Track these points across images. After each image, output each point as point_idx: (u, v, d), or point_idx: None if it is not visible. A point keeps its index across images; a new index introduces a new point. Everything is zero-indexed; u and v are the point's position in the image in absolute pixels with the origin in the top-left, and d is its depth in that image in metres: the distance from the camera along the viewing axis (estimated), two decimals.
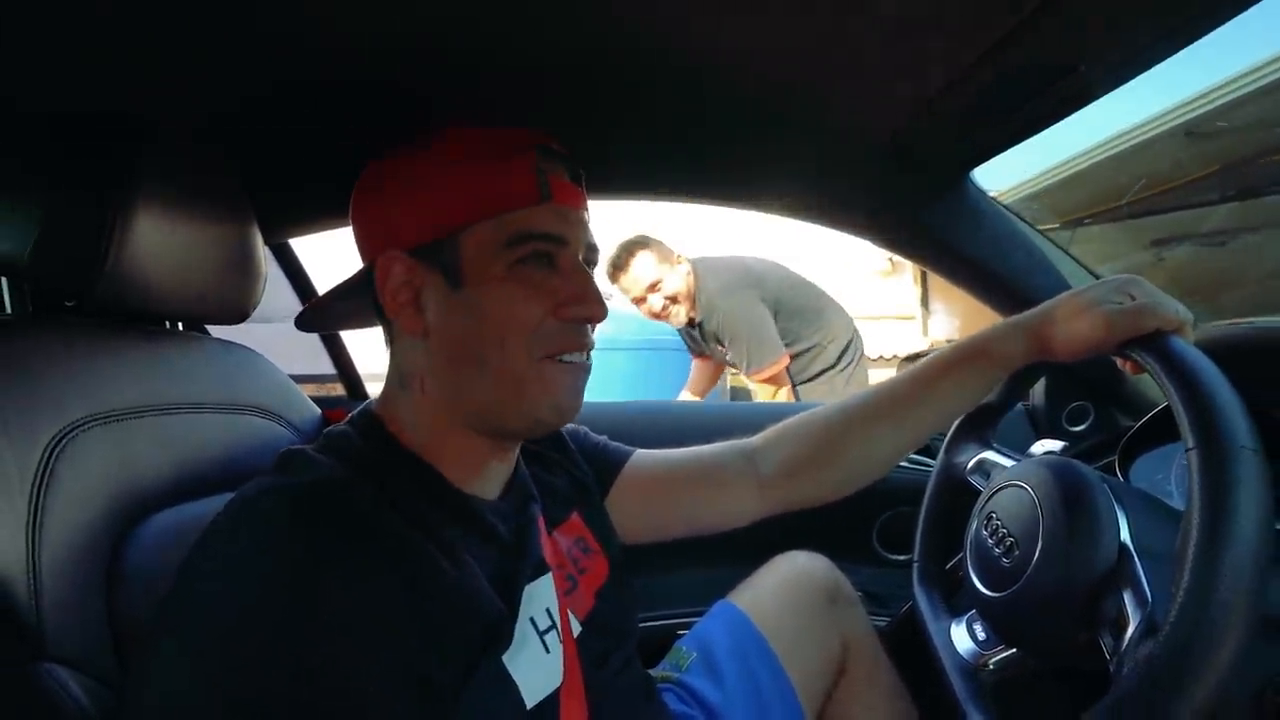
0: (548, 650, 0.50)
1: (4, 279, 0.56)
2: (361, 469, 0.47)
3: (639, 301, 1.91)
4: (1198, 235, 3.65)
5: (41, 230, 0.51)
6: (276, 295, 0.86)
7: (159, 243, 0.56)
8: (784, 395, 1.98)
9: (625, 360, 2.85)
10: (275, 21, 0.46)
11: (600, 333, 0.55)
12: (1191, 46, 0.53)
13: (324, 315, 0.61)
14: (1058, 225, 4.10)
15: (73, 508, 0.46)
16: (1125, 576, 0.46)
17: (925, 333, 5.28)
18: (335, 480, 0.45)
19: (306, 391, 0.79)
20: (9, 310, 0.56)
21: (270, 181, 0.76)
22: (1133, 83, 0.59)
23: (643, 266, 1.85)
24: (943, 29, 0.52)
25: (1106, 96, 0.60)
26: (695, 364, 2.25)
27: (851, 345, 2.00)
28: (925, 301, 5.28)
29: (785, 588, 0.80)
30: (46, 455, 0.46)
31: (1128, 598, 0.45)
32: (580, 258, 0.52)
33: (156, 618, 0.38)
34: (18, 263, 0.52)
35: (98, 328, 0.56)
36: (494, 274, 0.49)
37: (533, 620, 0.50)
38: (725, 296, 1.88)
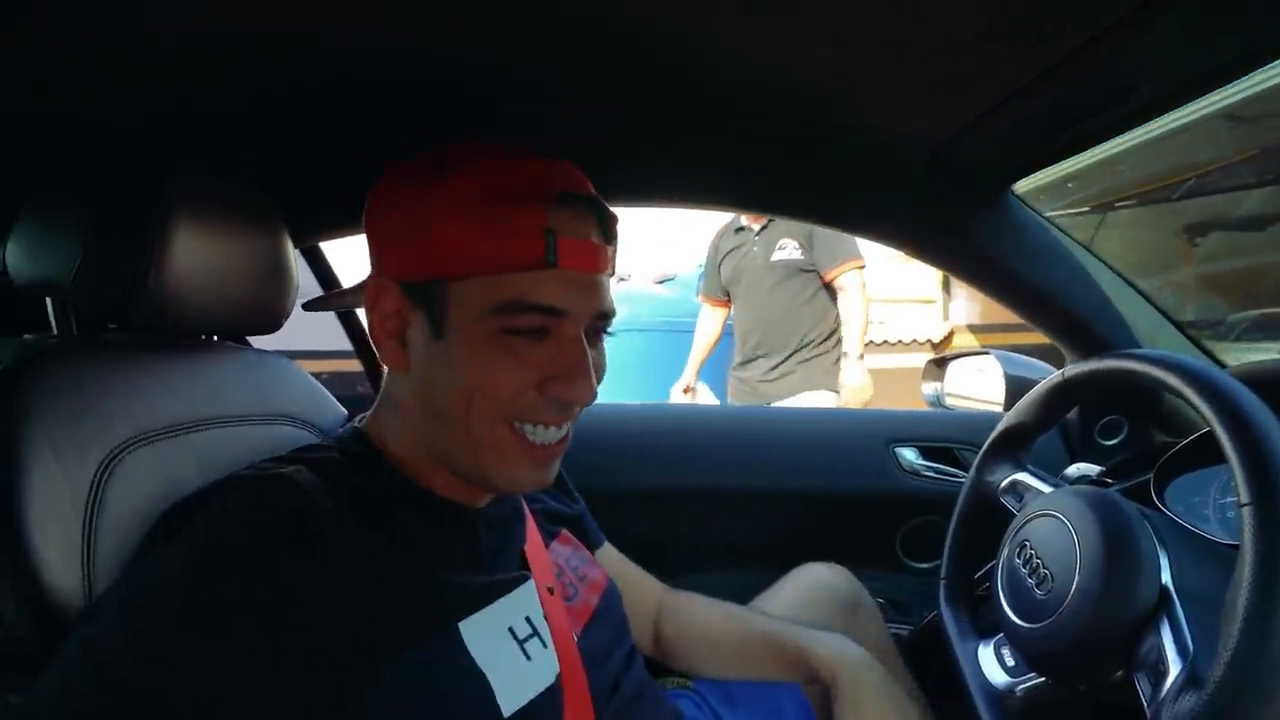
0: (528, 658, 0.49)
1: (49, 300, 0.57)
2: (319, 469, 0.47)
3: None
4: (1232, 221, 3.55)
5: (84, 254, 0.52)
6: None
7: (195, 259, 0.57)
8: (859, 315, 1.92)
9: (642, 341, 2.86)
10: (293, 22, 0.45)
11: (622, 316, 0.53)
12: None
13: (331, 305, 0.63)
14: (1088, 209, 4.00)
15: (121, 531, 0.47)
16: (1166, 619, 0.46)
17: (946, 317, 5.20)
18: (280, 475, 0.45)
19: (317, 368, 0.80)
20: (55, 330, 0.57)
21: (298, 187, 0.76)
22: None
23: None
24: (1001, 48, 0.50)
25: None
26: (705, 308, 2.22)
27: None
28: (946, 285, 5.19)
29: (805, 600, 0.81)
30: (97, 479, 0.47)
31: (1168, 642, 0.45)
32: (582, 328, 0.48)
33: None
34: (63, 285, 0.52)
35: (140, 346, 0.57)
36: (478, 334, 0.45)
37: (511, 630, 0.50)
38: None
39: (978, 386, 1.12)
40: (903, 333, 4.75)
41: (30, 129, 0.52)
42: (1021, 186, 0.80)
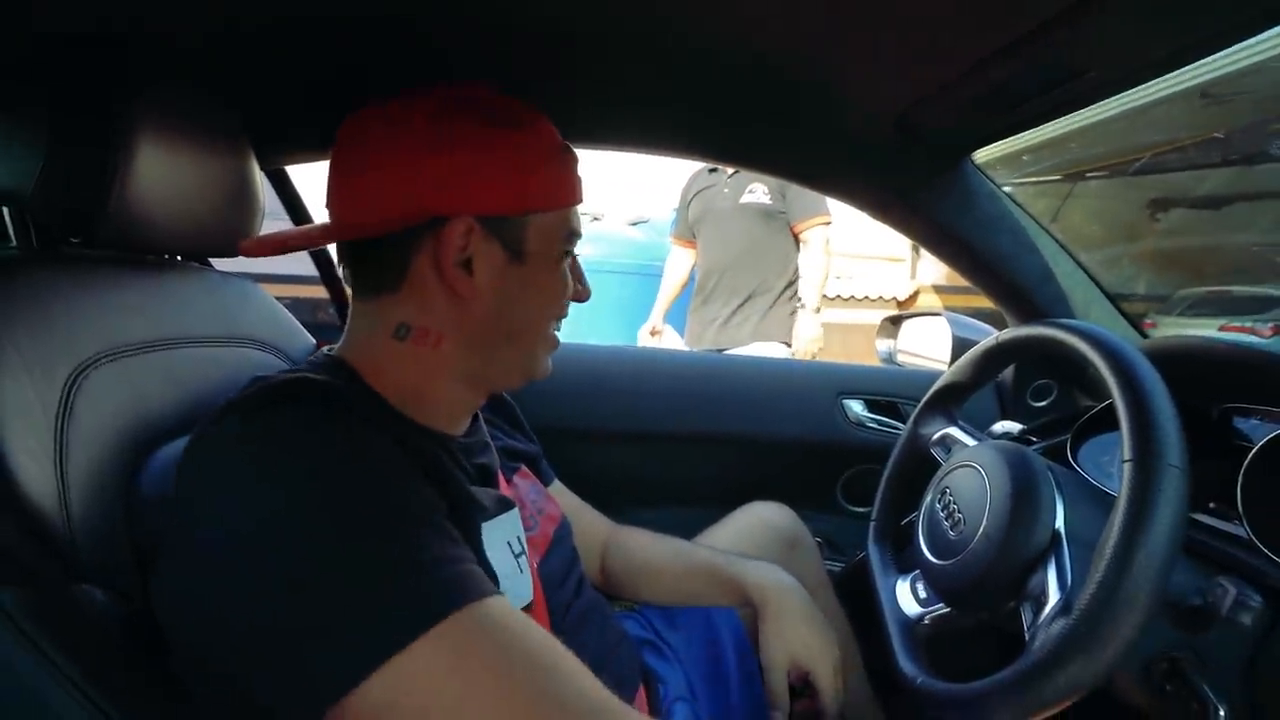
0: (520, 571, 0.55)
1: (5, 210, 0.56)
2: (325, 384, 0.49)
3: None
4: (1194, 199, 3.65)
5: (45, 165, 0.51)
6: None
7: (161, 174, 0.56)
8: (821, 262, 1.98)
9: (614, 283, 2.88)
10: None
11: (593, 256, 0.65)
12: None
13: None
14: (1059, 178, 4.06)
15: (91, 443, 0.49)
16: (1054, 559, 0.52)
17: (913, 275, 5.30)
18: (313, 380, 0.47)
19: (281, 292, 0.80)
20: (13, 242, 0.56)
21: (265, 108, 0.74)
22: None
23: None
24: (966, 22, 0.51)
25: None
26: (674, 249, 2.24)
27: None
28: (916, 246, 5.26)
29: (749, 533, 0.87)
30: (65, 392, 0.48)
31: (1051, 578, 0.51)
32: None
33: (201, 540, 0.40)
34: (23, 195, 0.51)
35: (103, 263, 0.57)
36: (551, 258, 0.55)
37: (509, 545, 0.55)
38: None
39: (928, 346, 1.17)
40: (869, 289, 4.82)
41: None
42: (981, 156, 0.82)
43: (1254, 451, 0.57)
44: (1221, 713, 0.46)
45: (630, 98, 0.74)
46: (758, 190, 1.98)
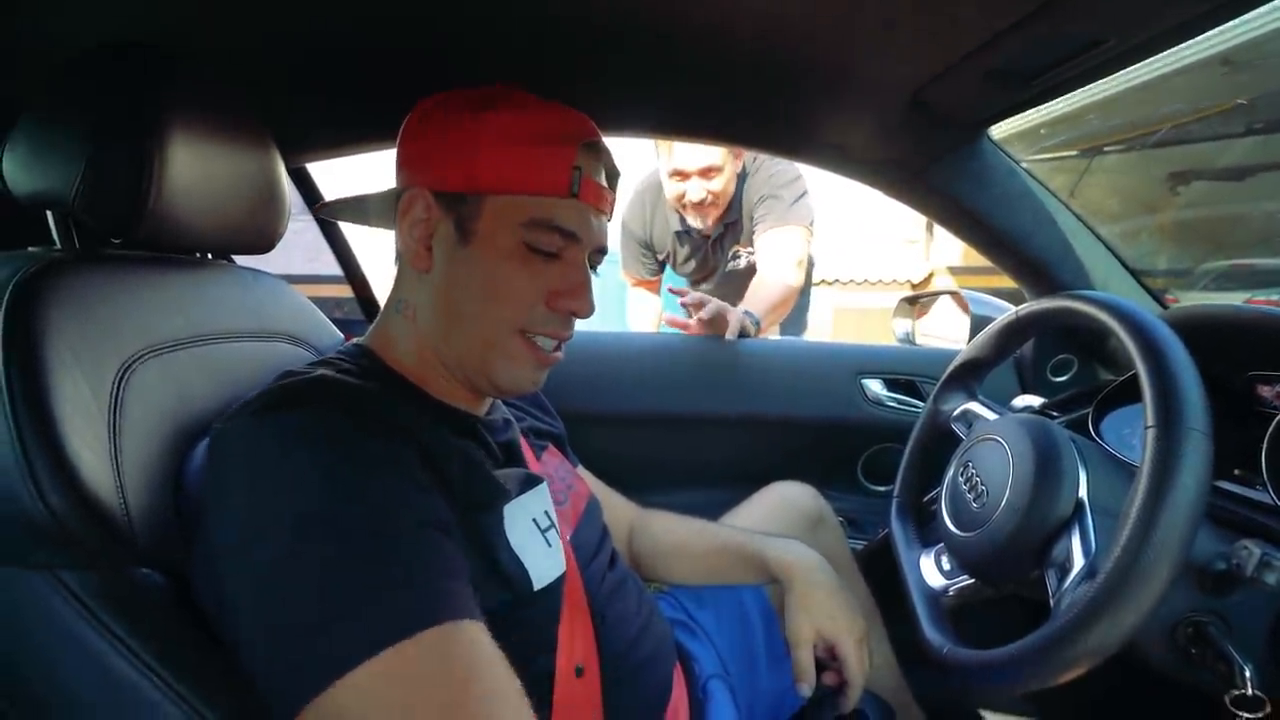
0: (549, 545, 0.56)
1: (50, 214, 0.58)
2: (349, 376, 0.52)
3: (679, 177, 1.49)
4: (1215, 170, 3.57)
5: (86, 170, 0.53)
6: None
7: (194, 177, 0.58)
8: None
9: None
10: None
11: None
12: None
13: (344, 209, 0.65)
14: (1075, 153, 3.98)
15: (141, 434, 0.51)
16: (1077, 527, 0.53)
17: (927, 257, 5.25)
18: (334, 378, 0.50)
19: (306, 293, 0.83)
20: (57, 245, 0.58)
21: (289, 109, 0.76)
22: None
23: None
24: None
25: None
26: (636, 293, 1.88)
27: None
28: (930, 226, 5.21)
29: (773, 513, 0.88)
30: (115, 386, 0.50)
31: (1076, 545, 0.52)
32: (586, 257, 0.56)
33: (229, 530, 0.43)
34: (65, 200, 0.54)
35: (142, 262, 0.59)
36: (502, 245, 0.53)
37: (535, 520, 0.56)
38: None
39: (946, 324, 1.17)
40: (883, 272, 4.80)
41: (22, 41, 0.52)
42: (998, 133, 0.82)
43: (1279, 418, 0.57)
44: (1248, 672, 0.47)
45: (652, 85, 0.75)
46: (742, 255, 1.68)
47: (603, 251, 0.59)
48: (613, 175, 0.59)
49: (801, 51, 0.64)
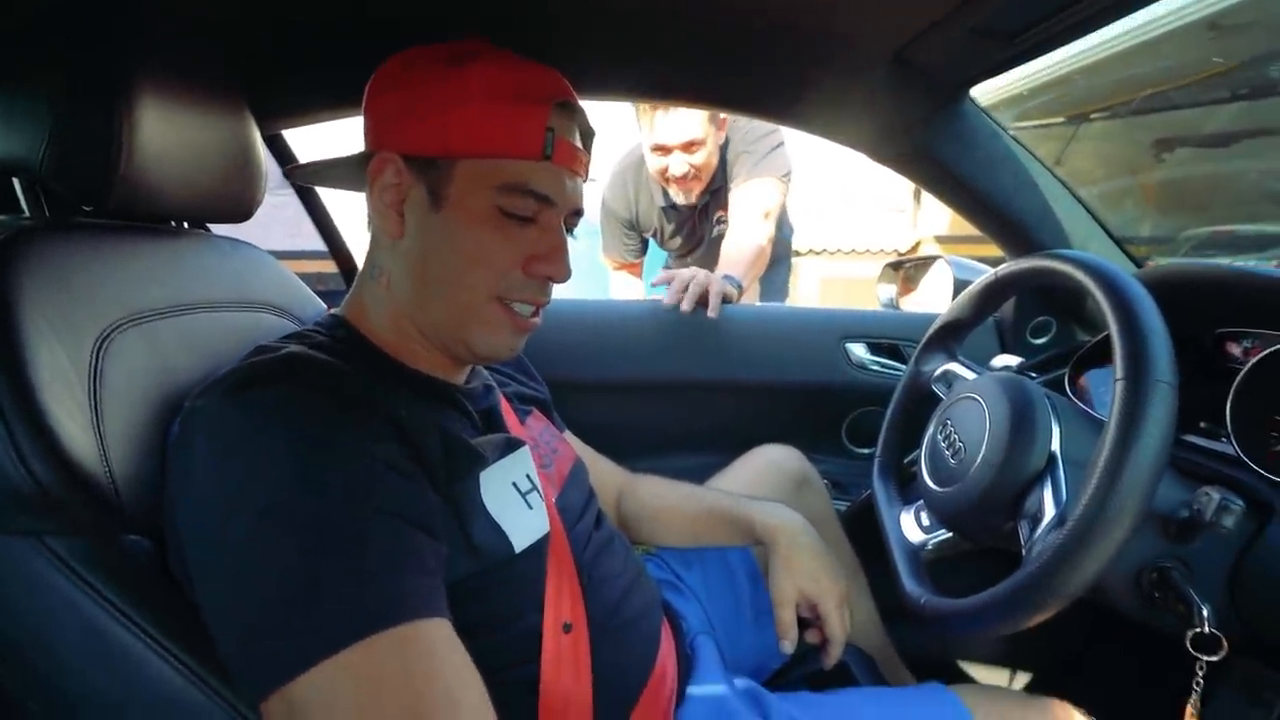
0: (530, 507, 0.57)
1: (17, 181, 0.57)
2: (324, 350, 0.51)
3: (661, 151, 1.46)
4: (1200, 137, 3.58)
5: (53, 136, 0.51)
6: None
7: (166, 142, 0.57)
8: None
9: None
10: None
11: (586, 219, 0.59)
12: None
13: (315, 173, 0.64)
14: (1062, 120, 3.97)
15: (123, 403, 0.51)
16: (1049, 478, 0.55)
17: (915, 226, 5.26)
18: (307, 355, 0.49)
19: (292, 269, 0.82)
20: (26, 213, 0.57)
21: (261, 74, 0.74)
22: None
23: (693, 117, 1.39)
24: None
25: None
26: (619, 276, 1.85)
27: None
28: (917, 195, 5.20)
29: (759, 476, 0.90)
30: (94, 355, 0.49)
31: (1047, 496, 0.54)
32: (562, 219, 0.55)
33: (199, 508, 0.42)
34: (30, 166, 0.52)
35: (115, 231, 0.58)
36: (475, 210, 0.52)
37: (515, 484, 0.57)
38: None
39: (929, 289, 1.18)
40: (870, 241, 4.81)
41: None
42: (984, 101, 0.82)
43: (1243, 372, 0.59)
44: (1205, 612, 0.49)
45: (632, 47, 0.73)
46: (726, 221, 1.61)
47: (578, 214, 0.58)
48: (587, 135, 0.57)
49: (782, 9, 0.63)
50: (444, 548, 0.46)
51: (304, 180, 0.66)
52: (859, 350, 1.13)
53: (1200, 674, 0.51)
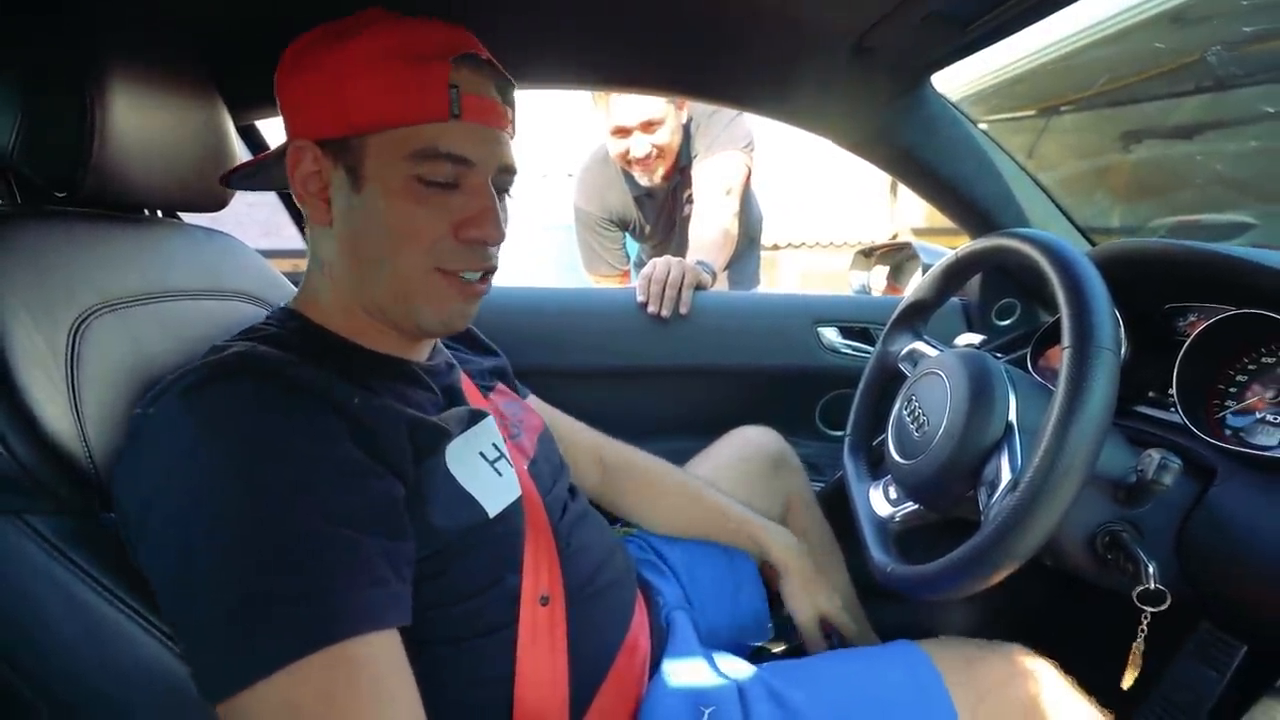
0: (500, 474, 0.58)
1: None
2: (277, 344, 0.51)
3: (620, 134, 1.43)
4: (1167, 129, 3.66)
5: (24, 122, 0.52)
6: None
7: (138, 130, 0.57)
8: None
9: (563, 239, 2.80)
10: None
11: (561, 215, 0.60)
12: None
13: (246, 178, 0.63)
14: (1034, 113, 4.05)
15: (100, 387, 0.51)
16: (1006, 446, 0.57)
17: (891, 219, 5.32)
18: (257, 352, 0.48)
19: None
20: None
21: (234, 64, 0.74)
22: None
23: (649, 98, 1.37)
24: None
25: None
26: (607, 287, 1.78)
27: None
28: (894, 188, 5.27)
29: (738, 456, 0.92)
30: (71, 339, 0.50)
31: (1004, 463, 0.56)
32: (489, 179, 0.53)
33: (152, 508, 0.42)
34: (3, 153, 0.52)
35: (90, 218, 0.58)
36: (393, 184, 0.50)
37: (482, 454, 0.57)
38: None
39: (899, 275, 1.21)
40: (847, 234, 4.86)
41: None
42: (960, 92, 0.84)
43: (1187, 344, 0.62)
44: (1151, 569, 0.52)
45: (590, 34, 0.74)
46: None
47: (510, 171, 0.55)
48: (504, 87, 0.54)
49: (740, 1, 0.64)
50: (407, 542, 0.47)
51: (240, 187, 0.64)
52: (831, 334, 1.15)
53: (1144, 622, 0.54)
